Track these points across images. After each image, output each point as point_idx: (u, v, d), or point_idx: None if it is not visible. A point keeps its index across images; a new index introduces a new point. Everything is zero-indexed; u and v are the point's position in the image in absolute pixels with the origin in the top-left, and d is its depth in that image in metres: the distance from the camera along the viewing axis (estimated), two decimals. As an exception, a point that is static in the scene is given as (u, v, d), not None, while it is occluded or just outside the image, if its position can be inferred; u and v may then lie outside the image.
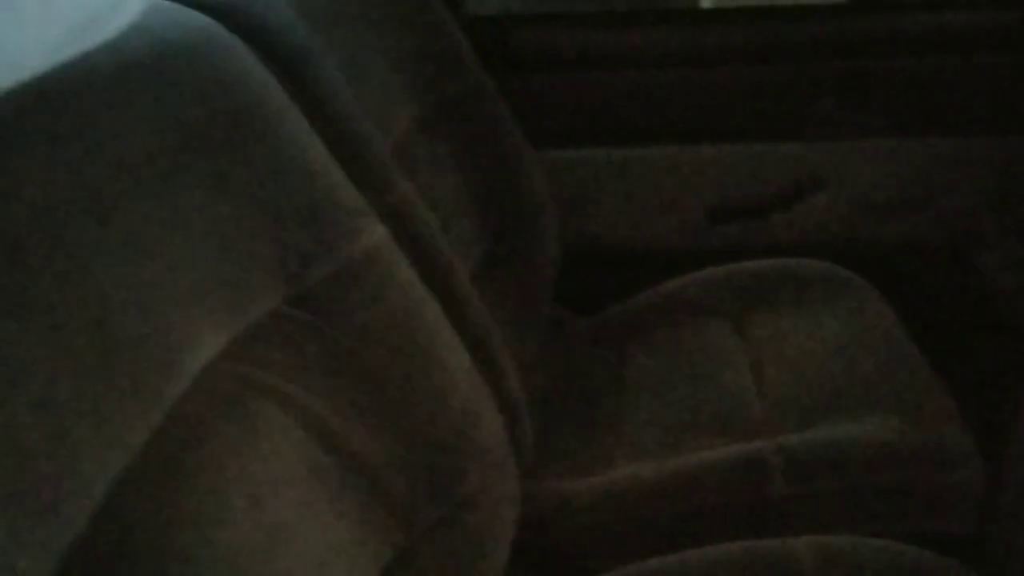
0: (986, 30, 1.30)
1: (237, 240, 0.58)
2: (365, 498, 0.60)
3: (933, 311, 1.28)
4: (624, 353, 1.17)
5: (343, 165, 0.72)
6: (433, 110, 1.11)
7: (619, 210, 1.33)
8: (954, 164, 1.31)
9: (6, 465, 0.39)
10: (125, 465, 0.45)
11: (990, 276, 1.28)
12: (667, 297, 1.24)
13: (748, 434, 0.94)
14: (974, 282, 1.30)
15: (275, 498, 0.53)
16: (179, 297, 0.53)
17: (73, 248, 0.47)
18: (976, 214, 1.30)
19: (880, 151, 1.31)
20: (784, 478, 0.87)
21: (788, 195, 1.31)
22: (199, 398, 0.52)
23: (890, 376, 1.00)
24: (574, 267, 1.28)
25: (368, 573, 0.59)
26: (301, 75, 0.75)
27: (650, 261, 1.32)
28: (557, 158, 1.30)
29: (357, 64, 0.96)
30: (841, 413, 0.95)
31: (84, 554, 0.42)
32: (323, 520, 0.57)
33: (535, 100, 1.30)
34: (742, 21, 1.34)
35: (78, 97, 0.50)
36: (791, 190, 1.31)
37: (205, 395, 0.52)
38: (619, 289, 1.26)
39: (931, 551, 0.77)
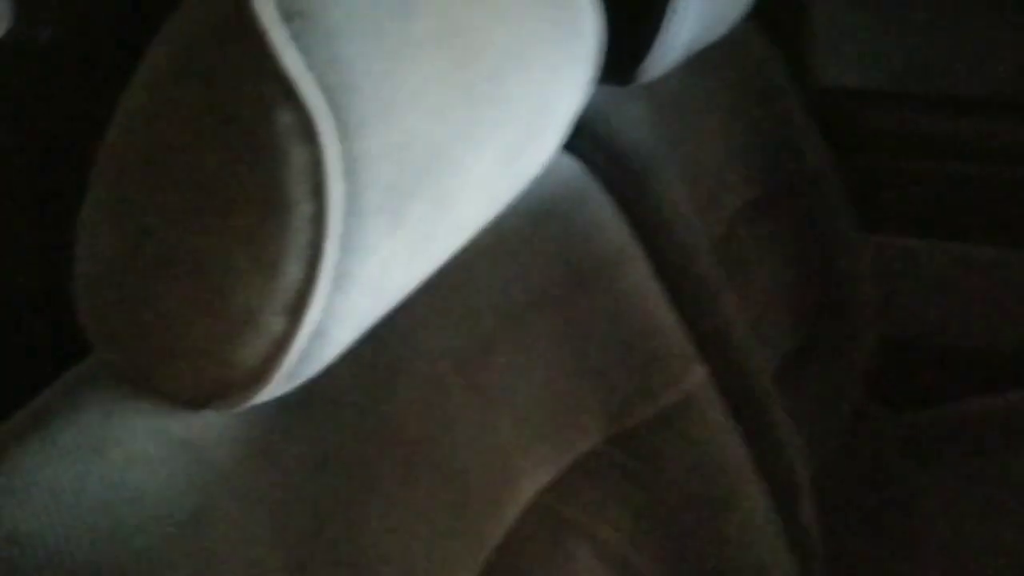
0: None
1: (568, 384, 0.61)
2: None
3: None
4: (933, 466, 1.09)
5: (669, 286, 0.73)
6: (765, 192, 1.09)
7: (950, 305, 1.23)
8: None
9: None
10: None
11: None
12: (993, 410, 1.14)
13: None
14: None
15: None
16: (514, 440, 0.57)
17: (446, 408, 0.53)
18: None
19: None
20: None
21: None
22: (522, 537, 0.56)
23: None
24: (891, 360, 1.21)
25: None
26: (642, 197, 0.78)
27: (979, 364, 1.22)
28: (886, 243, 1.23)
29: (696, 154, 0.96)
30: None
31: None
32: None
33: (873, 181, 1.22)
34: None
35: (461, 269, 0.55)
36: None
37: (527, 534, 0.56)
38: (940, 390, 1.18)
39: None
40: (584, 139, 0.71)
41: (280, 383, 0.39)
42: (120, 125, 0.37)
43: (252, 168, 0.35)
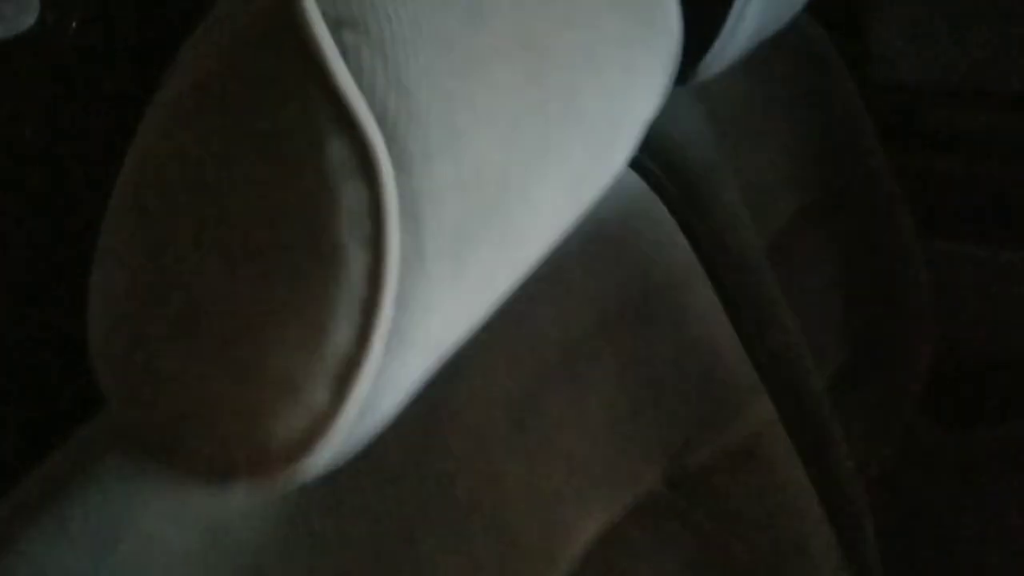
0: None
1: (627, 422, 0.56)
2: None
3: None
4: (992, 491, 1.03)
5: (728, 304, 0.67)
6: (820, 197, 1.02)
7: (1012, 317, 1.17)
8: None
9: None
10: None
11: None
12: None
13: None
14: None
15: None
16: (567, 488, 0.51)
17: (496, 460, 0.47)
18: None
19: None
20: None
21: None
22: None
23: None
24: (948, 375, 1.14)
25: None
26: (700, 211, 0.71)
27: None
28: (946, 251, 1.16)
29: (750, 157, 0.91)
30: None
31: None
32: None
33: (933, 184, 1.15)
34: None
35: (515, 303, 0.48)
36: None
37: None
38: (1000, 408, 1.11)
39: None
40: (641, 149, 0.65)
41: (321, 461, 0.33)
42: (140, 153, 0.31)
43: (296, 210, 0.29)
